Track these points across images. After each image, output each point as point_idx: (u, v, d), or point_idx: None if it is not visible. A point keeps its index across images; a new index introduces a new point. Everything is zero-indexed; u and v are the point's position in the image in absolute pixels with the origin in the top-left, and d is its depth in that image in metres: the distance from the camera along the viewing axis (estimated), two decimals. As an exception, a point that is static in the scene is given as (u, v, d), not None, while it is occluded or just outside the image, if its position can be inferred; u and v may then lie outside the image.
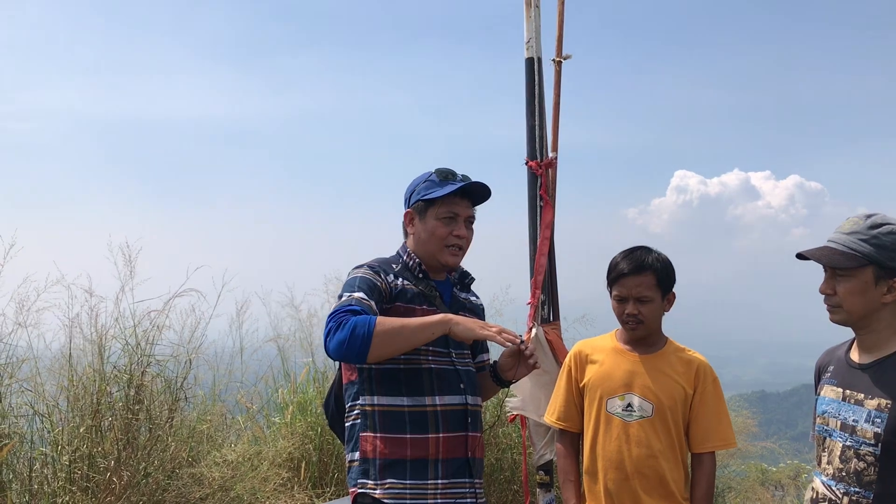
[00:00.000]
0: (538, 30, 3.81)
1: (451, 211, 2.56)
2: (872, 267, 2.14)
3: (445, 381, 2.47)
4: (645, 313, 2.65)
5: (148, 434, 4.20)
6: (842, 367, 2.29)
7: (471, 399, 2.53)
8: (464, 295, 2.74)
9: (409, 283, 2.54)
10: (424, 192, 2.56)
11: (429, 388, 2.43)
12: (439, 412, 2.43)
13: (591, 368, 2.79)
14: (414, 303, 2.51)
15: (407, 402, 2.42)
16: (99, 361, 4.15)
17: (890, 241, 2.13)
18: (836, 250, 2.20)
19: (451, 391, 2.47)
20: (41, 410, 4.00)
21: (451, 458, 2.44)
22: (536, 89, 3.80)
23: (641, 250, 2.71)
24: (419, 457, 2.40)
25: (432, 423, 2.42)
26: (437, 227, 2.55)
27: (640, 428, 2.64)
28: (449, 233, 2.55)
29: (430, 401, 2.43)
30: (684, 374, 2.69)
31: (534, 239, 3.79)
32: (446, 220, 2.55)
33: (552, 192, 3.79)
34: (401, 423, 2.41)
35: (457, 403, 2.48)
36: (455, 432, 2.45)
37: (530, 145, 3.80)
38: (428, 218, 2.57)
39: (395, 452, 2.40)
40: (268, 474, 4.73)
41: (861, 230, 2.17)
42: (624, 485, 2.65)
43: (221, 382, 5.26)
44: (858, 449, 2.14)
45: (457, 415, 2.47)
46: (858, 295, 2.17)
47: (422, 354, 2.45)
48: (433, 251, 2.57)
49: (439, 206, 2.55)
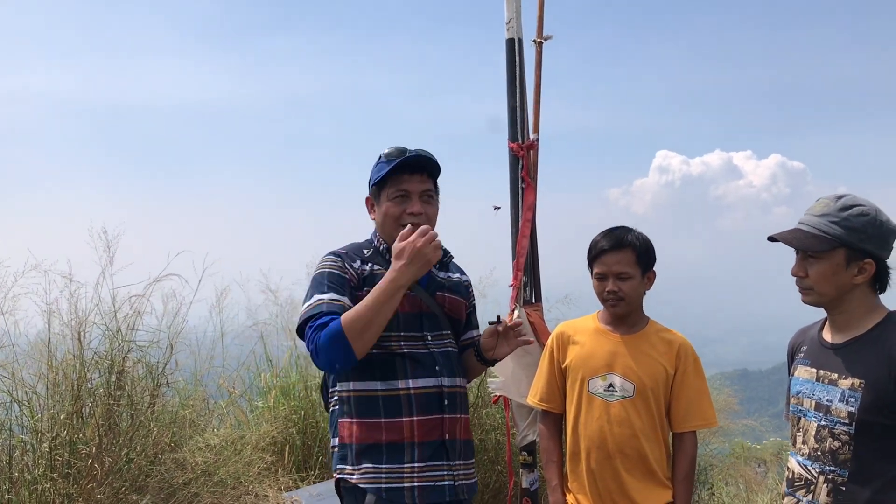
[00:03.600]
0: (519, 10, 3.78)
1: (401, 189, 2.50)
2: (843, 249, 2.15)
3: (419, 364, 2.45)
4: (625, 290, 2.67)
5: (130, 420, 4.17)
6: (815, 347, 2.31)
7: (447, 381, 2.51)
8: (443, 274, 2.70)
9: (380, 266, 2.49)
10: (375, 176, 2.53)
11: (402, 372, 2.42)
12: (413, 395, 2.41)
13: (573, 349, 2.81)
14: None
15: (380, 386, 2.41)
16: (79, 347, 4.11)
17: (860, 223, 2.14)
18: (807, 233, 2.20)
19: (425, 374, 2.45)
20: (19, 397, 3.96)
21: (427, 441, 2.43)
22: (517, 70, 3.78)
23: (621, 229, 2.74)
24: (394, 441, 2.40)
25: (406, 406, 2.41)
26: (389, 207, 2.51)
27: (622, 408, 2.66)
28: (402, 211, 2.50)
29: (402, 384, 2.41)
30: (665, 353, 2.71)
31: (516, 221, 3.78)
32: (398, 200, 2.50)
33: (534, 174, 3.78)
34: (375, 407, 2.41)
35: (431, 386, 2.45)
36: (429, 415, 2.43)
37: (511, 127, 3.79)
38: (382, 200, 2.53)
39: (371, 437, 2.41)
40: (251, 458, 4.72)
41: (831, 212, 2.17)
42: (606, 464, 2.67)
43: (203, 368, 5.24)
44: (833, 428, 2.16)
45: (431, 397, 2.45)
46: (830, 277, 2.18)
47: (393, 341, 2.44)
48: (390, 232, 2.50)
49: (389, 187, 2.51)
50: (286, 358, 5.66)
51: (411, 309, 2.50)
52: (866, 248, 2.14)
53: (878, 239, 2.15)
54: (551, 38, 3.83)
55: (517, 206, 3.78)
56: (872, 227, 2.14)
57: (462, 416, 2.58)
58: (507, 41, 3.79)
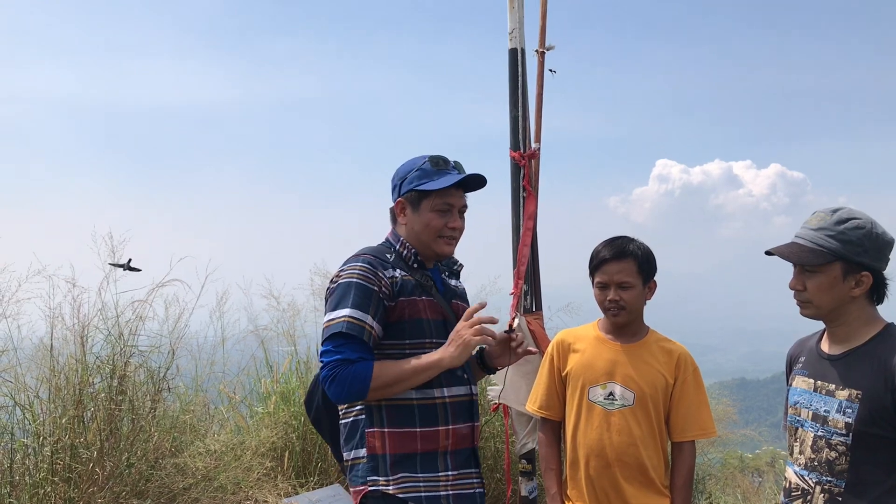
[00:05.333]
0: (521, 21, 3.81)
1: (447, 203, 2.48)
2: (840, 262, 2.17)
3: (452, 373, 2.43)
4: (626, 299, 2.68)
5: (131, 424, 4.18)
6: (813, 357, 2.32)
7: (474, 389, 2.54)
8: (453, 282, 2.70)
9: (406, 273, 2.47)
10: (418, 182, 2.47)
11: (437, 381, 2.39)
12: (448, 404, 2.42)
13: (574, 357, 2.82)
14: (414, 294, 2.45)
15: (416, 395, 2.38)
16: (81, 352, 4.13)
17: (856, 236, 2.15)
18: (804, 247, 2.22)
19: (458, 382, 2.46)
20: (21, 401, 3.97)
21: (460, 449, 2.45)
22: (520, 80, 3.81)
23: (623, 239, 2.75)
24: (429, 450, 2.39)
25: (441, 416, 2.41)
26: (432, 218, 2.47)
27: (621, 416, 2.67)
28: (444, 224, 2.48)
29: (438, 393, 2.41)
30: (665, 363, 2.73)
31: (517, 229, 3.80)
32: (441, 212, 2.48)
33: (535, 183, 3.80)
34: (410, 416, 2.39)
35: (463, 394, 2.48)
36: (463, 423, 2.46)
37: (513, 136, 3.81)
38: (422, 209, 2.49)
39: (406, 446, 2.38)
40: (251, 464, 4.73)
41: (828, 226, 2.19)
42: (605, 472, 2.68)
43: (204, 373, 5.25)
44: (830, 439, 2.17)
45: (464, 406, 2.47)
46: (827, 290, 2.19)
47: (426, 348, 2.40)
48: (428, 242, 2.49)
49: (435, 198, 2.47)
50: (286, 364, 5.67)
51: (436, 316, 2.48)
52: (863, 261, 2.16)
53: (875, 251, 2.16)
54: (553, 49, 3.86)
55: (518, 215, 3.81)
56: (868, 239, 2.16)
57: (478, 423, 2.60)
58: (510, 51, 3.82)
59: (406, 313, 2.40)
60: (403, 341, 2.40)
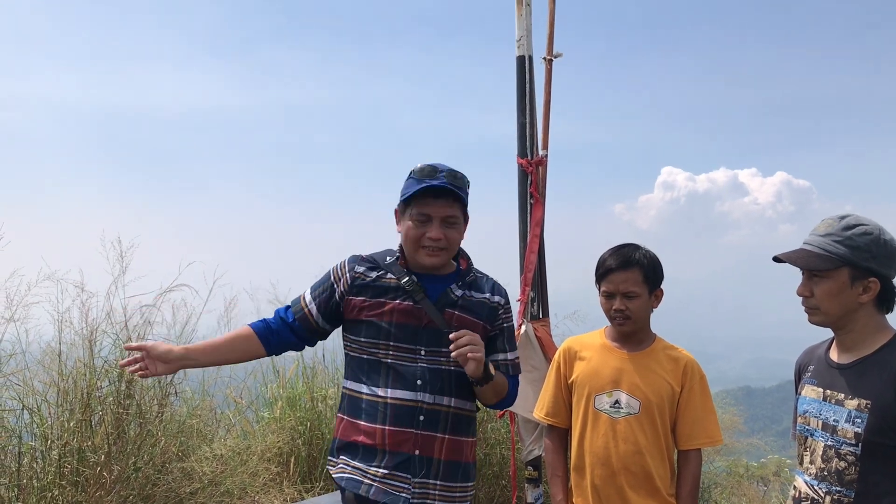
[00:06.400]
0: (529, 28, 3.83)
1: (423, 213, 2.46)
2: (847, 268, 2.17)
3: (400, 377, 2.46)
4: (632, 309, 2.68)
5: (138, 429, 4.20)
6: (822, 366, 2.32)
7: (428, 397, 2.46)
8: (462, 292, 2.56)
9: (393, 276, 2.51)
10: (404, 191, 2.50)
11: (384, 381, 2.47)
12: (389, 404, 2.44)
13: (580, 365, 2.82)
14: (385, 296, 2.49)
15: (365, 390, 2.50)
16: (89, 356, 4.15)
17: (864, 241, 2.16)
18: (812, 253, 2.22)
19: (404, 386, 2.45)
20: (30, 405, 3.99)
21: (396, 451, 2.43)
22: (527, 87, 3.83)
23: (629, 247, 2.74)
24: (369, 444, 2.46)
25: (381, 414, 2.45)
26: (409, 228, 2.48)
27: (627, 424, 2.67)
28: (422, 234, 2.46)
29: (382, 392, 2.46)
30: (672, 371, 2.72)
31: (524, 236, 3.81)
32: (418, 222, 2.47)
33: (542, 190, 3.81)
34: (358, 408, 2.51)
35: (407, 399, 2.45)
36: (401, 427, 2.44)
37: (521, 143, 3.83)
38: (405, 218, 2.51)
39: (351, 435, 2.51)
40: (257, 469, 4.75)
41: (835, 232, 2.20)
42: (610, 481, 2.68)
43: (210, 378, 5.26)
44: (839, 448, 2.17)
45: (406, 410, 2.44)
46: (835, 296, 2.20)
47: (381, 349, 2.48)
48: (410, 251, 2.52)
49: (412, 207, 2.48)
50: (293, 369, 5.68)
51: (407, 321, 2.48)
52: (871, 267, 2.16)
53: (883, 258, 2.17)
54: (561, 56, 3.88)
55: (525, 222, 3.82)
56: (876, 245, 2.16)
57: (447, 436, 2.50)
58: (518, 58, 3.84)
59: (363, 314, 2.50)
60: (359, 338, 2.52)
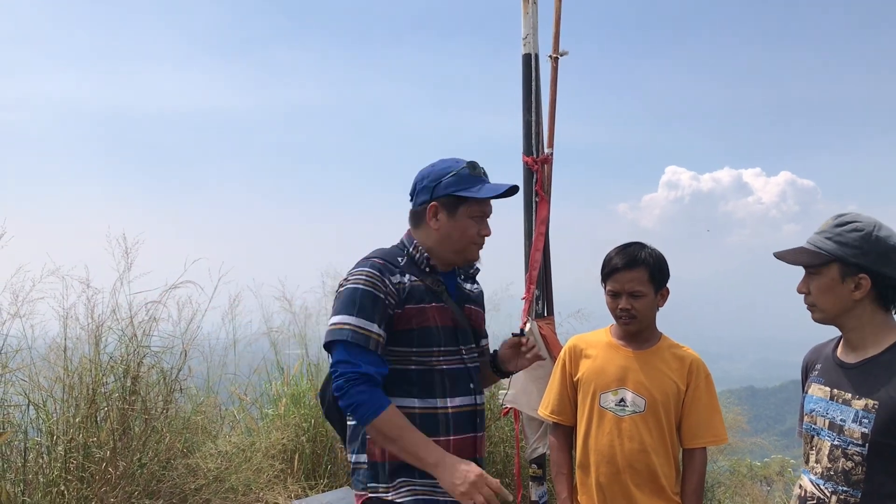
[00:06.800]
0: (535, 26, 3.82)
1: (483, 211, 2.49)
2: (837, 264, 2.18)
3: (457, 382, 2.41)
4: (638, 308, 2.67)
5: (143, 425, 4.21)
6: (829, 365, 2.32)
7: (479, 399, 2.49)
8: (468, 285, 2.65)
9: (416, 278, 2.42)
10: (456, 188, 2.42)
11: (440, 390, 2.37)
12: (451, 414, 2.37)
13: (585, 363, 2.81)
14: (424, 301, 2.40)
15: (418, 403, 2.35)
16: (94, 352, 4.16)
17: (853, 238, 2.17)
18: (805, 249, 2.26)
19: (462, 392, 2.42)
20: (35, 400, 4.00)
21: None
22: (533, 85, 3.82)
23: (635, 246, 2.73)
24: None
25: (443, 426, 2.36)
26: (469, 226, 2.45)
27: (632, 423, 2.67)
28: (478, 232, 2.48)
29: (441, 403, 2.36)
30: (677, 370, 2.72)
31: (529, 234, 3.81)
32: (479, 219, 2.48)
33: (548, 188, 3.81)
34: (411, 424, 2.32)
35: (467, 405, 2.42)
36: (465, 434, 2.40)
37: (526, 141, 3.82)
38: (459, 215, 2.45)
39: None
40: (261, 465, 4.76)
41: (828, 229, 2.23)
42: (615, 479, 2.68)
43: (215, 374, 5.28)
44: (846, 448, 2.16)
45: (467, 416, 2.42)
46: (828, 292, 2.21)
47: (434, 356, 2.38)
48: (459, 248, 2.48)
49: (472, 205, 2.45)
50: (297, 366, 5.70)
51: (446, 322, 2.43)
52: (860, 263, 2.16)
53: (875, 255, 2.16)
54: (567, 54, 3.88)
55: (530, 220, 3.81)
56: (867, 242, 2.16)
57: (485, 433, 2.55)
58: (524, 56, 3.84)
59: (414, 321, 2.36)
60: (411, 349, 2.36)
